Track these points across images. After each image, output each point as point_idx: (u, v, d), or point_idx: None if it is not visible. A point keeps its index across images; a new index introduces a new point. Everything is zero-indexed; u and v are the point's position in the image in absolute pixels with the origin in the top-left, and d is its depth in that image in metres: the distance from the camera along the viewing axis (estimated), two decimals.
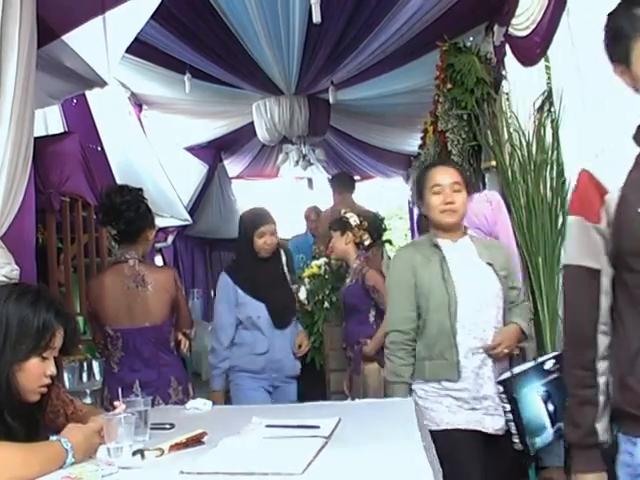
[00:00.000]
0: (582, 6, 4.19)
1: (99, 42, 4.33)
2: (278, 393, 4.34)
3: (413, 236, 13.05)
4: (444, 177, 3.18)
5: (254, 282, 4.32)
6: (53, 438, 2.04)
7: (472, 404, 3.03)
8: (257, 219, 4.42)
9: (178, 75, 6.93)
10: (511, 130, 5.22)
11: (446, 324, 3.02)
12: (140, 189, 3.75)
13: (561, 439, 3.96)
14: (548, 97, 5.00)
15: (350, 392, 4.89)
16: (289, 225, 8.93)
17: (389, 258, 4.98)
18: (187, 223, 8.91)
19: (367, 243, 4.93)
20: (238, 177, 11.46)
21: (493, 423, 3.06)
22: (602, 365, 1.81)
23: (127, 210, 3.61)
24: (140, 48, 5.55)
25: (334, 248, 5.12)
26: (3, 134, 2.97)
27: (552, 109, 4.95)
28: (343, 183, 7.89)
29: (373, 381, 4.64)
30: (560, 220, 5.00)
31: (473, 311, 3.05)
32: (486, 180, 5.70)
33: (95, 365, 4.96)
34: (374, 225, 5.12)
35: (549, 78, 5.02)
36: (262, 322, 4.27)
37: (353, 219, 4.94)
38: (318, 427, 2.27)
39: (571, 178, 4.84)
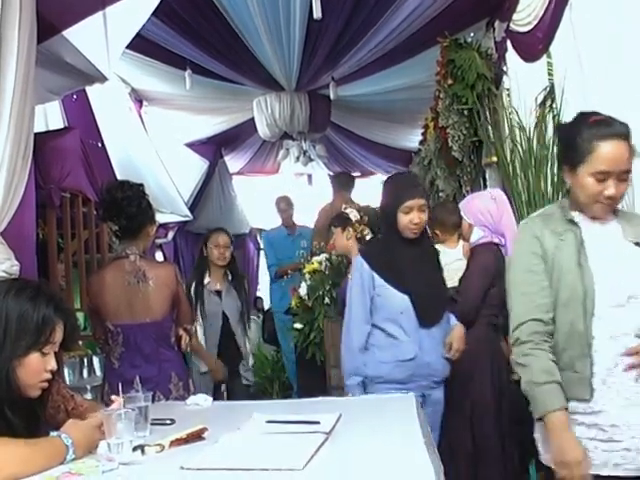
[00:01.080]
0: (584, 1, 4.18)
1: (99, 38, 4.32)
2: (426, 402, 3.47)
3: None
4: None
5: (397, 268, 3.49)
6: (54, 434, 2.04)
7: (610, 434, 2.30)
8: (403, 191, 3.52)
9: (179, 71, 6.92)
10: (512, 125, 5.22)
11: (579, 325, 2.35)
12: (141, 185, 3.74)
13: None
14: (550, 92, 4.99)
15: None
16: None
17: None
18: (187, 219, 8.92)
19: (367, 238, 4.90)
20: (239, 173, 11.45)
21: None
22: None
23: (128, 206, 3.61)
24: (141, 44, 5.54)
25: (336, 244, 5.12)
26: (3, 130, 2.96)
27: (554, 105, 4.94)
28: (342, 182, 7.93)
29: None
30: None
31: (616, 308, 2.35)
32: (487, 176, 5.70)
33: (95, 361, 4.98)
34: (375, 220, 5.10)
35: (551, 73, 5.02)
36: (406, 319, 3.44)
37: (353, 214, 4.93)
38: (319, 423, 2.27)
39: None
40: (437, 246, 4.82)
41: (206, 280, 5.06)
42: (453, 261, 4.74)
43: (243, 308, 5.22)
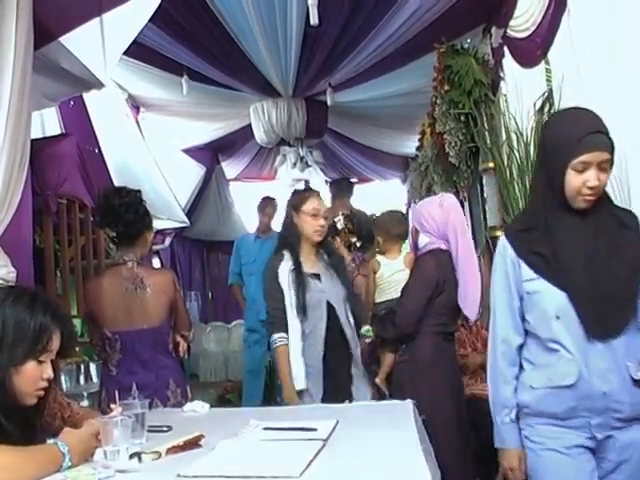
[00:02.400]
0: (582, 7, 4.19)
1: (96, 44, 4.33)
2: (608, 448, 2.38)
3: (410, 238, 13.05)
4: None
5: (555, 253, 2.40)
6: (50, 441, 2.03)
7: None
8: (577, 138, 2.36)
9: (175, 77, 6.93)
10: (509, 131, 5.22)
11: None
12: (138, 191, 3.73)
13: None
14: (548, 98, 5.00)
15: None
16: None
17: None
18: (184, 225, 8.92)
19: (358, 245, 4.92)
20: (236, 179, 11.47)
21: None
22: None
23: (126, 212, 3.60)
24: (138, 50, 5.54)
25: None
26: None
27: (552, 110, 4.95)
28: (341, 188, 7.91)
29: None
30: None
31: None
32: (484, 182, 5.70)
33: (92, 368, 4.97)
34: (365, 226, 5.08)
35: (549, 79, 5.02)
36: (565, 327, 2.37)
37: (340, 223, 4.93)
38: (316, 430, 2.26)
39: None
40: (377, 257, 4.88)
41: (288, 262, 3.84)
42: (394, 272, 4.73)
43: (350, 297, 3.99)
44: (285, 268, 3.81)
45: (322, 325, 3.74)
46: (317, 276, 3.85)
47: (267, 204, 7.42)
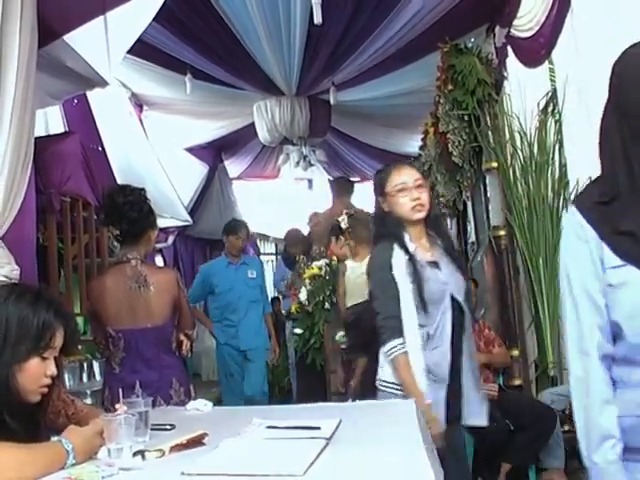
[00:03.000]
0: (586, 7, 4.18)
1: (100, 42, 4.33)
2: None
3: None
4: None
5: None
6: (54, 439, 2.04)
7: None
8: None
9: (179, 76, 6.93)
10: (512, 131, 5.22)
11: None
12: (142, 189, 3.72)
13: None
14: (552, 98, 5.00)
15: (346, 391, 4.83)
16: (289, 226, 8.89)
17: None
18: (187, 223, 8.92)
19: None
20: (238, 178, 11.47)
21: None
22: None
23: (130, 210, 3.59)
24: (141, 48, 5.54)
25: (333, 253, 5.12)
26: (3, 134, 2.96)
27: (556, 110, 4.95)
28: (342, 187, 7.92)
29: None
30: (562, 221, 4.99)
31: None
32: (487, 181, 5.70)
33: (95, 365, 4.97)
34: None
35: (552, 79, 5.02)
36: None
37: (344, 222, 4.92)
38: (319, 428, 2.26)
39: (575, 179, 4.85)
40: (346, 261, 4.90)
41: (400, 251, 3.14)
42: (358, 275, 4.71)
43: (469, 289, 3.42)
44: (399, 258, 3.10)
45: (448, 323, 3.07)
46: (436, 264, 3.16)
47: (241, 227, 6.82)
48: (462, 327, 3.16)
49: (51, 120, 6.00)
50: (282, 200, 12.73)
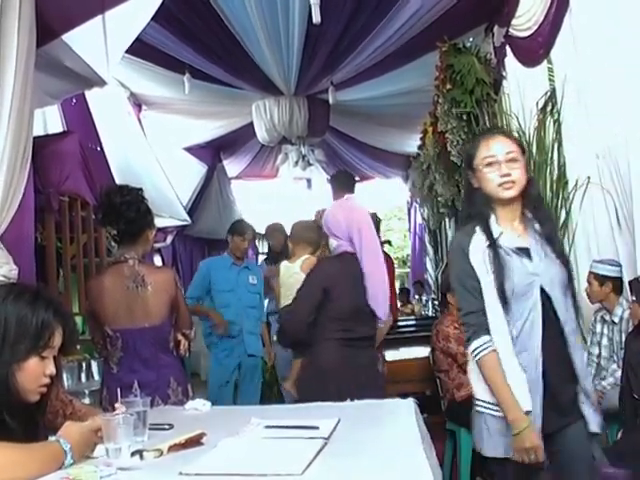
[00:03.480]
0: (584, 6, 4.19)
1: (99, 42, 4.33)
2: None
3: (413, 237, 13.09)
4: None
5: None
6: (52, 439, 2.03)
7: None
8: None
9: (177, 75, 6.93)
10: (511, 130, 5.22)
11: None
12: (140, 189, 3.72)
13: None
14: (551, 97, 5.00)
15: None
16: (288, 226, 8.88)
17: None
18: (186, 223, 8.93)
19: None
20: (237, 177, 11.48)
21: None
22: None
23: (127, 210, 3.59)
24: (140, 48, 5.54)
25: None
26: (2, 134, 2.96)
27: (554, 109, 4.95)
28: (342, 182, 7.88)
29: None
30: (561, 221, 5.00)
31: None
32: None
33: (94, 365, 4.96)
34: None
35: (551, 78, 5.02)
36: None
37: None
38: (317, 428, 2.26)
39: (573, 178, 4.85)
40: (283, 263, 5.00)
41: (481, 236, 2.74)
42: (290, 276, 4.79)
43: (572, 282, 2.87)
44: (478, 244, 2.72)
45: (537, 322, 2.62)
46: (525, 252, 2.72)
47: (248, 228, 6.59)
48: (556, 326, 2.66)
49: (49, 120, 5.99)
50: (281, 200, 12.74)
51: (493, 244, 2.67)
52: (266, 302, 6.78)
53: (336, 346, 3.76)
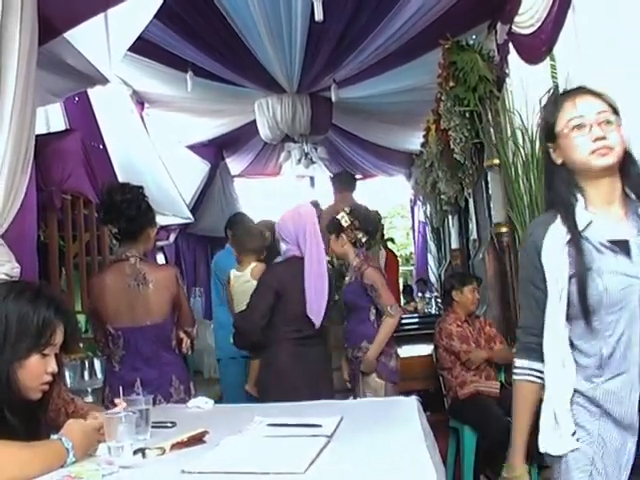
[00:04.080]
0: (587, 3, 4.18)
1: (101, 40, 4.32)
2: None
3: (415, 234, 13.08)
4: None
5: None
6: (54, 437, 2.03)
7: None
8: None
9: (180, 73, 6.92)
10: (514, 127, 5.22)
11: None
12: (141, 187, 3.72)
13: None
14: (553, 95, 4.99)
15: (353, 387, 4.80)
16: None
17: None
18: (189, 221, 8.92)
19: (364, 240, 4.87)
20: (240, 175, 11.48)
21: None
22: None
23: (128, 208, 3.59)
24: (142, 46, 5.53)
25: (333, 251, 5.10)
26: (4, 131, 2.96)
27: None
28: (343, 182, 7.90)
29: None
30: None
31: None
32: (489, 178, 5.69)
33: (96, 363, 4.95)
34: (371, 222, 5.06)
35: (554, 75, 5.02)
36: None
37: (344, 220, 4.89)
38: (320, 426, 2.26)
39: None
40: (232, 270, 5.13)
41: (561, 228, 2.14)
42: (242, 284, 4.95)
43: None
44: (556, 238, 2.11)
45: (636, 337, 1.99)
46: (623, 246, 2.06)
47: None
48: None
49: (52, 117, 5.99)
50: (284, 197, 12.73)
51: (576, 237, 2.06)
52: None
53: (289, 346, 4.03)
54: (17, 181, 3.05)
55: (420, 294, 11.48)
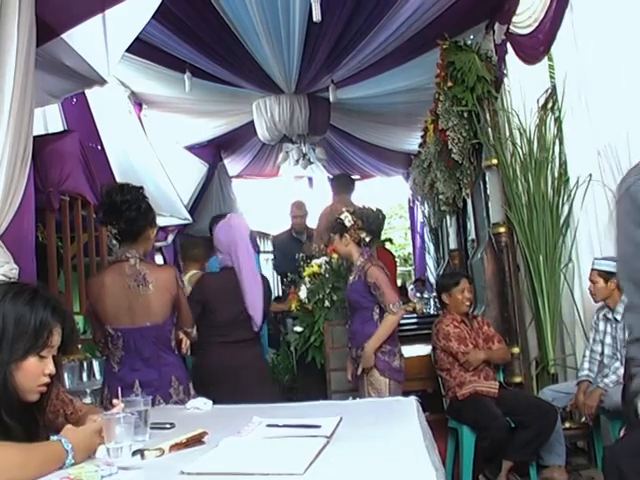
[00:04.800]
0: (585, 3, 4.18)
1: (99, 41, 4.32)
2: None
3: (413, 235, 13.08)
4: None
5: None
6: (54, 438, 2.03)
7: None
8: None
9: (178, 74, 6.92)
10: (512, 128, 5.22)
11: None
12: (141, 187, 3.71)
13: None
14: (551, 94, 5.00)
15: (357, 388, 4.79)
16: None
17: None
18: (187, 222, 8.90)
19: (367, 240, 4.86)
20: (238, 176, 11.46)
21: None
22: None
23: (128, 209, 3.57)
24: (140, 47, 5.53)
25: (337, 251, 5.10)
26: (2, 133, 2.96)
27: (555, 106, 4.95)
28: (342, 184, 7.90)
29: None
30: (562, 218, 5.00)
31: None
32: (487, 178, 5.70)
33: (95, 364, 4.95)
34: (374, 221, 5.06)
35: (552, 75, 5.03)
36: None
37: (347, 220, 4.89)
38: (319, 427, 2.25)
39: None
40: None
41: None
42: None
43: None
44: None
45: None
46: None
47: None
48: None
49: (50, 118, 5.98)
50: (282, 198, 12.73)
51: None
52: None
53: (216, 349, 4.44)
54: (15, 182, 3.05)
55: (419, 294, 11.49)
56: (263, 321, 4.70)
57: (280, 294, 7.32)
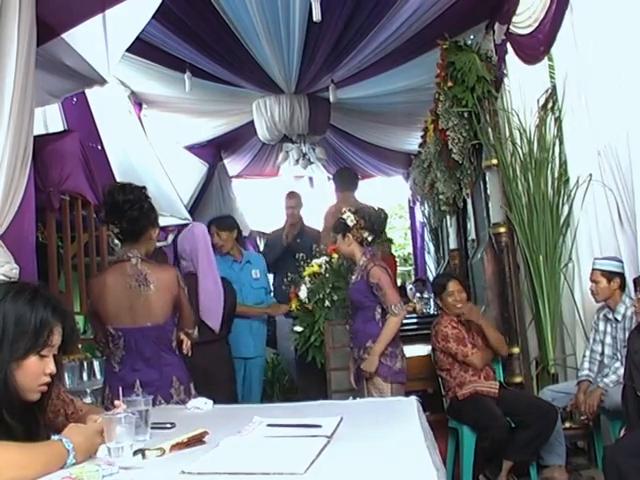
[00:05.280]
0: (585, 3, 4.18)
1: (99, 40, 4.32)
2: None
3: (413, 235, 13.07)
4: None
5: None
6: (55, 438, 2.03)
7: None
8: None
9: (178, 74, 6.92)
10: (512, 128, 5.22)
11: None
12: (143, 187, 3.70)
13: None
14: (552, 94, 5.00)
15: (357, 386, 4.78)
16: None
17: None
18: (187, 222, 8.90)
19: (370, 239, 4.86)
20: (238, 176, 11.45)
21: None
22: None
23: (130, 209, 3.56)
24: (140, 46, 5.53)
25: (339, 251, 5.10)
26: (2, 132, 2.96)
27: (555, 106, 4.95)
28: (345, 181, 7.86)
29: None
30: (562, 218, 5.00)
31: None
32: (487, 178, 5.70)
33: (96, 364, 4.96)
34: (376, 220, 5.05)
35: (552, 75, 5.03)
36: None
37: (350, 219, 4.88)
38: (320, 426, 2.25)
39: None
40: None
41: None
42: None
43: None
44: None
45: None
46: None
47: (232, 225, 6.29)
48: None
49: (50, 118, 5.98)
50: (282, 198, 12.72)
51: None
52: None
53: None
54: (16, 182, 3.05)
55: (419, 294, 11.49)
56: (222, 324, 4.94)
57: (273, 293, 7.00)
